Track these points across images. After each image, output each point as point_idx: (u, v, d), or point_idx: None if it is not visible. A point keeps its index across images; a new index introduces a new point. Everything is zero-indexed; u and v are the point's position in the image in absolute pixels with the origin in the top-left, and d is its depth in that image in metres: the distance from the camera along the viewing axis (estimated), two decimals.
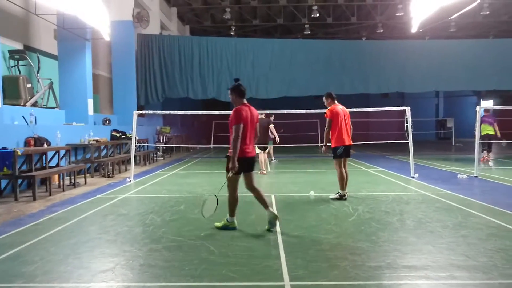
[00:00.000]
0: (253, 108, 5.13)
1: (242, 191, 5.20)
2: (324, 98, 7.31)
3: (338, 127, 7.01)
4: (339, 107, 7.17)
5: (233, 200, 5.12)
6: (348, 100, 25.82)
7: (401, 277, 3.50)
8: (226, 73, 18.19)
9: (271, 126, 11.91)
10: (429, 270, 3.63)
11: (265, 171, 11.21)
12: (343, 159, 7.12)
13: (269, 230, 5.00)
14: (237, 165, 4.84)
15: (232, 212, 5.14)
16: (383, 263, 3.81)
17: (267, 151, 11.58)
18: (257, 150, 11.20)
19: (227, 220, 5.14)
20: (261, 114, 11.56)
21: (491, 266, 3.71)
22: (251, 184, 5.21)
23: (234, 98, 5.11)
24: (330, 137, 7.11)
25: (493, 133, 13.15)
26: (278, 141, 12.76)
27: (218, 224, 5.18)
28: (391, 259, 3.93)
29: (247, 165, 5.07)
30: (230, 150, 4.91)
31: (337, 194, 7.06)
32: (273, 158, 14.75)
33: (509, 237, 4.62)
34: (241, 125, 4.86)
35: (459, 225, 5.19)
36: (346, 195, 7.03)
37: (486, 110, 13.87)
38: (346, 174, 7.12)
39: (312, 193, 7.61)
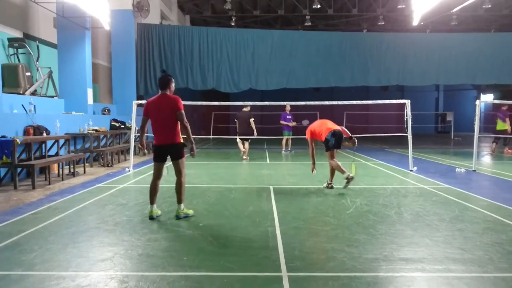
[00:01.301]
0: (168, 99, 5.15)
1: (237, 183, 5.20)
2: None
3: (319, 129, 7.32)
4: (311, 126, 7.58)
5: (150, 188, 5.32)
6: (348, 93, 25.95)
7: (398, 269, 3.53)
8: (226, 64, 18.11)
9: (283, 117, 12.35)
10: (425, 263, 3.66)
11: (246, 158, 12.24)
12: (334, 150, 7.32)
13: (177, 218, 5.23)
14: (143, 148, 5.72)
15: (150, 199, 5.30)
16: (380, 256, 3.85)
17: (249, 141, 12.45)
18: (238, 140, 12.42)
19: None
20: (246, 107, 12.39)
21: (487, 260, 3.75)
22: (175, 171, 5.30)
23: None
24: (314, 147, 7.59)
25: (505, 128, 13.31)
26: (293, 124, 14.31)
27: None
28: (388, 252, 3.96)
29: (157, 152, 5.27)
30: None
31: (345, 179, 7.12)
32: (287, 149, 14.84)
33: (505, 231, 4.65)
34: (143, 117, 5.27)
35: (456, 219, 5.22)
36: (332, 185, 7.38)
37: (502, 105, 13.94)
38: (334, 167, 7.37)
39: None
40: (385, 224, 4.96)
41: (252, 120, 12.32)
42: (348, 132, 7.48)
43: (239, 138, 12.45)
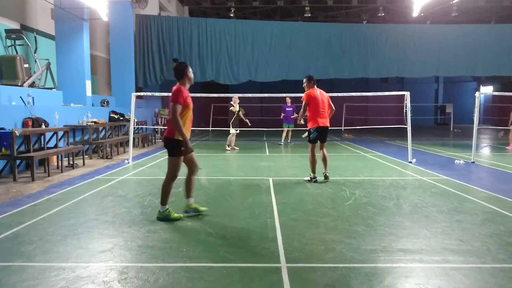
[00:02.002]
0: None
1: (236, 175, 5.19)
2: (304, 79, 7.53)
3: (314, 110, 7.15)
4: (317, 91, 7.31)
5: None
6: (347, 84, 25.86)
7: (396, 260, 3.55)
8: (225, 55, 18.04)
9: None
10: (424, 254, 3.68)
11: (232, 148, 12.88)
12: (317, 144, 7.32)
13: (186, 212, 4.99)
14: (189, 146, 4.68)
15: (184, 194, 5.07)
16: (379, 247, 3.86)
17: (236, 131, 12.90)
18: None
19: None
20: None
21: (485, 251, 3.76)
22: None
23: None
24: (306, 119, 7.39)
25: None
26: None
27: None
28: (386, 243, 3.97)
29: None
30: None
31: (309, 176, 7.29)
32: (287, 141, 15.02)
33: (503, 223, 4.67)
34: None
35: (454, 210, 5.24)
36: (317, 178, 7.24)
37: None
38: (325, 156, 7.37)
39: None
40: (384, 216, 4.98)
41: (230, 109, 12.75)
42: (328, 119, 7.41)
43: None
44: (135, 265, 3.44)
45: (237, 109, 12.69)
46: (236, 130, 12.86)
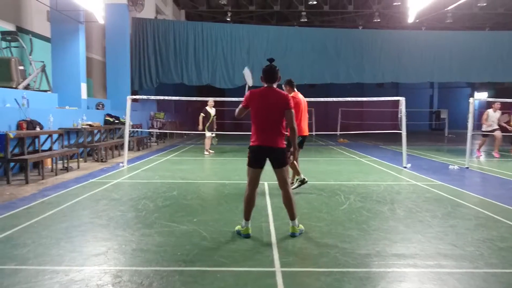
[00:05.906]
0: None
1: (231, 179, 5.18)
2: (283, 85, 6.73)
3: (298, 117, 6.53)
4: (300, 96, 6.78)
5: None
6: (343, 89, 25.92)
7: (390, 265, 3.56)
8: (221, 59, 18.09)
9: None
10: (417, 259, 3.70)
11: (207, 153, 12.68)
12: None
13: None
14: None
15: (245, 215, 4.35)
16: (373, 251, 3.87)
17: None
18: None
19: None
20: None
21: (478, 256, 3.79)
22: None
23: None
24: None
25: None
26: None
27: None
28: (380, 247, 3.99)
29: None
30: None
31: (298, 182, 6.82)
32: None
33: (496, 228, 4.70)
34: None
35: (448, 215, 5.27)
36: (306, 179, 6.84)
37: None
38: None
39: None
40: (378, 220, 5.00)
41: (208, 112, 12.53)
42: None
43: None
44: (129, 268, 3.43)
45: (214, 113, 12.60)
46: (212, 134, 12.80)
